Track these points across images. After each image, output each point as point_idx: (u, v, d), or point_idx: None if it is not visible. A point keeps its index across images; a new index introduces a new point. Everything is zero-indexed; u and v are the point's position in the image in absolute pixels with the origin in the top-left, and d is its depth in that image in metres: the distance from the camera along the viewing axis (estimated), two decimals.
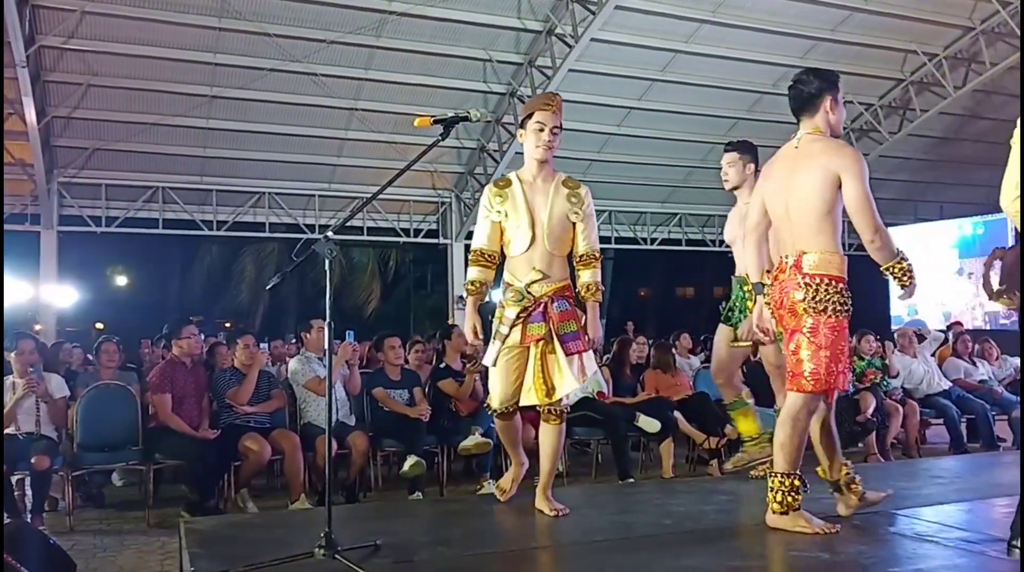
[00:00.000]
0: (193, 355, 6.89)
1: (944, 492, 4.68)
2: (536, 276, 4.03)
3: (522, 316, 4.01)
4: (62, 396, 6.56)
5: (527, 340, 4.02)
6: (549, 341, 3.99)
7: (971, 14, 12.74)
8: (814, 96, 3.84)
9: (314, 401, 6.95)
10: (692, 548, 3.24)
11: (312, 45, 11.50)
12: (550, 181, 4.18)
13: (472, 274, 4.16)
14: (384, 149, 13.36)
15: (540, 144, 4.11)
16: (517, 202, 4.11)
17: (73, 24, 10.72)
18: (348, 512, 5.03)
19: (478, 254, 4.17)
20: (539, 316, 4.01)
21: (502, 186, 4.20)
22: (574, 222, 4.14)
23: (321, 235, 3.42)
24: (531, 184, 4.16)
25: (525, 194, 4.13)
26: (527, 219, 4.07)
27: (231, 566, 3.25)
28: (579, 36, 11.46)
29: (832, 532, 3.59)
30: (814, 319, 3.57)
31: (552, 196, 4.12)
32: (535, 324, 4.01)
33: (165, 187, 13.92)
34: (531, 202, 4.10)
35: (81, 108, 12.04)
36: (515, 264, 4.11)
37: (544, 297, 4.03)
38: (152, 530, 6.09)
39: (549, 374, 3.99)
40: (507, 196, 4.14)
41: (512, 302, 4.03)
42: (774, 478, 3.67)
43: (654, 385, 8.15)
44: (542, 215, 4.08)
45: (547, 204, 4.10)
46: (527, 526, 3.73)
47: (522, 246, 4.07)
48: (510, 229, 4.11)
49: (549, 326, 4.00)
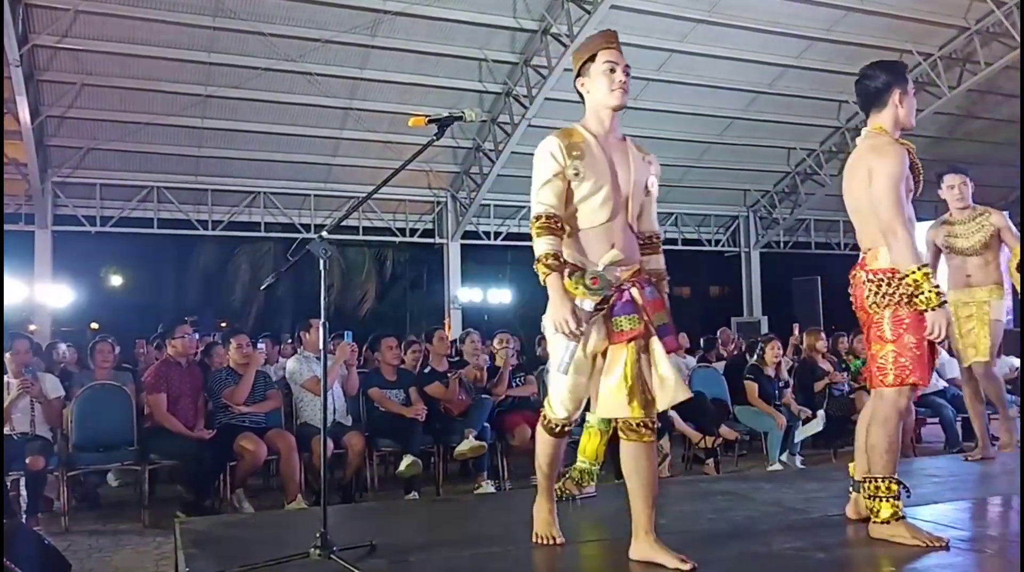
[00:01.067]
0: (187, 355, 6.88)
1: (939, 491, 4.68)
2: (616, 255, 3.23)
3: (601, 308, 3.19)
4: (57, 397, 6.54)
5: (617, 338, 3.19)
6: (645, 338, 3.20)
7: (966, 14, 12.77)
8: (881, 91, 3.70)
9: (310, 401, 6.94)
10: (688, 547, 3.23)
11: (307, 44, 11.50)
12: (622, 141, 3.40)
13: (545, 246, 3.18)
14: (379, 148, 13.36)
15: (616, 87, 3.29)
16: (596, 159, 3.26)
17: (67, 23, 10.70)
18: (344, 512, 5.01)
19: (549, 220, 3.21)
20: (628, 306, 3.20)
21: (574, 138, 3.31)
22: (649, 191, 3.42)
23: (316, 235, 3.41)
24: (605, 140, 3.34)
25: (604, 151, 3.30)
26: (609, 182, 3.25)
27: (227, 566, 3.24)
28: (575, 35, 11.46)
29: (940, 545, 3.33)
30: (879, 314, 3.49)
31: (632, 156, 3.35)
32: (625, 317, 3.19)
33: (160, 187, 13.91)
34: (611, 161, 3.30)
35: (75, 107, 12.04)
36: (587, 240, 3.27)
37: (625, 283, 3.25)
38: (148, 530, 6.08)
39: (646, 380, 3.18)
40: (583, 151, 3.25)
41: (590, 290, 3.17)
42: (871, 483, 3.47)
43: None
44: (625, 178, 3.30)
45: (628, 165, 3.31)
46: (523, 526, 3.72)
47: (600, 216, 3.25)
48: (584, 193, 3.24)
49: (644, 318, 3.21)
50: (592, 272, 3.19)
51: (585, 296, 3.17)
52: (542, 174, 3.24)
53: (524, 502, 3.83)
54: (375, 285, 25.79)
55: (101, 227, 13.93)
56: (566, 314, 3.10)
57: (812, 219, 18.03)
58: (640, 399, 3.15)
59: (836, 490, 4.23)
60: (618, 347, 3.20)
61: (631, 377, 3.15)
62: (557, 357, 3.23)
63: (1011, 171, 13.40)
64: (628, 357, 3.16)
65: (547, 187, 3.23)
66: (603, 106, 3.33)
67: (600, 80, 3.33)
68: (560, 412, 3.38)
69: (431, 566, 3.38)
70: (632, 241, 3.34)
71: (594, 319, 3.19)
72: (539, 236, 3.20)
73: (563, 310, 3.11)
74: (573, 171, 3.21)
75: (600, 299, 3.18)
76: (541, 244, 3.19)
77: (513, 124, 13.23)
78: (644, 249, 3.43)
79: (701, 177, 15.88)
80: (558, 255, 3.18)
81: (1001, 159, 14.28)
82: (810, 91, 14.08)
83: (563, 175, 3.21)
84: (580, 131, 3.34)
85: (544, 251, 3.17)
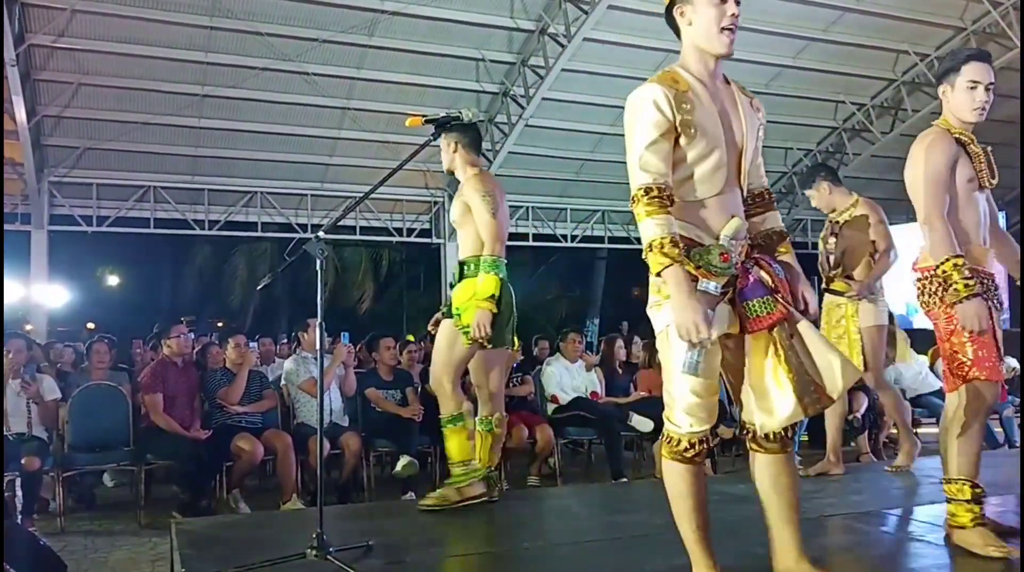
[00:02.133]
0: (183, 355, 6.87)
1: (935, 492, 4.66)
2: (739, 226, 2.66)
3: (726, 291, 2.64)
4: (53, 398, 6.53)
5: (754, 325, 2.65)
6: (789, 322, 2.65)
7: (962, 15, 12.77)
8: (939, 80, 3.51)
9: (307, 401, 6.95)
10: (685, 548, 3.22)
11: (304, 44, 11.48)
12: (727, 84, 2.83)
13: (657, 228, 2.52)
14: (376, 148, 13.35)
15: (727, 22, 2.69)
16: (708, 112, 2.65)
17: (63, 23, 10.68)
18: (340, 512, 5.01)
19: (661, 193, 2.55)
20: (759, 288, 2.66)
21: (680, 85, 2.65)
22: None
23: (313, 235, 3.41)
24: (712, 88, 2.72)
25: (713, 101, 2.69)
26: (723, 140, 2.67)
27: (223, 567, 3.24)
28: (572, 36, 11.47)
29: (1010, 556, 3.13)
30: (936, 315, 3.33)
31: (740, 104, 2.77)
32: (757, 300, 2.64)
33: (156, 186, 13.87)
34: (723, 113, 2.71)
35: (72, 107, 12.00)
36: (701, 211, 2.68)
37: (748, 261, 2.72)
38: (143, 531, 6.07)
39: (807, 369, 2.61)
40: (693, 103, 2.63)
41: (718, 270, 2.59)
42: (952, 485, 3.30)
43: (647, 384, 8.16)
44: (738, 133, 2.73)
45: (739, 116, 2.74)
46: (520, 526, 3.72)
47: (715, 183, 2.67)
48: (695, 155, 2.63)
49: (781, 299, 2.67)
50: (719, 246, 2.61)
51: (710, 277, 2.59)
52: (645, 133, 2.58)
53: (520, 503, 3.83)
54: (372, 285, 25.76)
55: (98, 227, 13.88)
56: (697, 317, 2.46)
57: (809, 219, 18.01)
58: (810, 394, 2.60)
59: (832, 491, 4.24)
60: (757, 338, 2.67)
61: (791, 370, 2.60)
62: (679, 354, 2.59)
63: (1009, 171, 13.34)
64: (778, 348, 2.63)
65: (653, 150, 2.57)
66: (706, 51, 2.72)
67: (706, 11, 2.69)
68: (688, 424, 2.68)
69: (427, 567, 3.38)
70: (742, 209, 2.79)
71: (718, 304, 2.61)
72: (649, 214, 2.53)
73: (692, 312, 2.47)
74: (685, 128, 2.59)
75: (727, 280, 2.62)
76: (651, 226, 2.53)
77: (510, 124, 13.22)
78: (756, 207, 2.87)
79: None
80: (676, 240, 2.53)
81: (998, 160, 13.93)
82: (807, 91, 14.08)
83: (671, 133, 2.59)
84: (684, 76, 2.69)
85: (658, 235, 2.51)
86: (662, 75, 2.69)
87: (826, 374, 2.61)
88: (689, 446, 2.68)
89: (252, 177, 14.21)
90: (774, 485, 2.73)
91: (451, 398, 4.35)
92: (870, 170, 15.32)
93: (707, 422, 2.66)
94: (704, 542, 2.75)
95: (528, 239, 16.39)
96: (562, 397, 7.63)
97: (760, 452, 2.74)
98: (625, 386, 8.20)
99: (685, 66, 2.74)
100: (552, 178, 15.40)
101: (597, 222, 16.63)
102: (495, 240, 4.29)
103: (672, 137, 2.58)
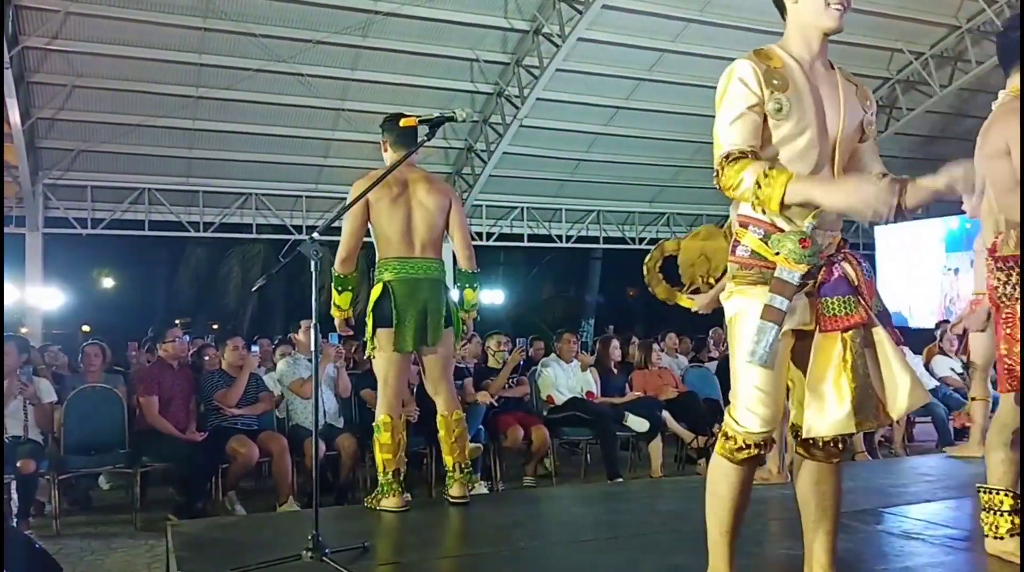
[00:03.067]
0: (179, 357, 6.86)
1: (931, 490, 4.69)
2: (826, 215, 2.46)
3: (805, 284, 2.46)
4: (50, 401, 6.51)
5: (829, 325, 2.48)
6: (866, 328, 2.49)
7: (957, 13, 12.81)
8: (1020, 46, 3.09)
9: (301, 403, 6.95)
10: (680, 547, 3.23)
11: (298, 45, 11.48)
12: (831, 69, 2.67)
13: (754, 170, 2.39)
14: (371, 149, 13.27)
15: (835, 1, 2.56)
16: (801, 92, 2.51)
17: (57, 25, 10.67)
18: (336, 514, 5.01)
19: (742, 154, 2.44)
20: (841, 285, 2.49)
21: (773, 62, 2.53)
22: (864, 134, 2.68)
23: (307, 236, 3.41)
24: (811, 68, 2.59)
25: (809, 82, 2.55)
26: (815, 122, 2.51)
27: (219, 569, 3.24)
28: (566, 35, 11.47)
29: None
30: (1009, 308, 3.04)
31: (842, 90, 2.61)
32: (838, 298, 2.48)
33: (151, 188, 13.88)
34: (818, 96, 2.55)
35: (66, 109, 11.99)
36: None
37: (835, 255, 2.53)
38: (139, 533, 6.05)
39: (873, 383, 2.47)
40: (785, 80, 2.50)
41: (798, 257, 2.42)
42: (994, 496, 3.13)
43: (642, 385, 8.16)
44: (834, 118, 2.56)
45: (838, 101, 2.58)
46: (516, 526, 3.72)
47: (804, 165, 2.49)
48: (784, 134, 2.49)
49: (863, 302, 2.50)
50: (799, 232, 2.43)
51: (789, 265, 2.42)
52: (732, 106, 2.49)
53: (516, 503, 3.83)
54: (367, 286, 25.71)
55: (92, 229, 13.89)
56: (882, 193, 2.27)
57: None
58: (868, 409, 2.43)
59: None
60: (829, 338, 2.48)
61: (855, 380, 2.43)
62: (747, 342, 2.43)
63: None
64: (847, 353, 2.45)
65: (738, 124, 2.46)
66: (813, 26, 2.58)
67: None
68: (752, 422, 2.48)
69: (423, 567, 3.37)
70: None
71: (796, 296, 2.44)
72: (738, 172, 2.40)
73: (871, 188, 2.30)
74: (775, 105, 2.46)
75: (807, 270, 2.44)
76: (747, 174, 2.38)
77: (505, 124, 13.22)
78: None
79: (693, 177, 15.85)
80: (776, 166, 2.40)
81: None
82: None
83: (760, 108, 2.47)
84: (780, 54, 2.57)
85: (759, 171, 2.37)
86: (757, 51, 2.57)
87: (891, 392, 2.47)
88: (744, 446, 2.49)
89: (246, 179, 14.22)
90: (816, 493, 2.61)
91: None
92: None
93: (768, 424, 2.47)
94: (728, 548, 2.58)
95: (523, 239, 16.39)
96: (557, 397, 7.63)
97: (806, 457, 2.60)
98: (620, 386, 8.20)
99: (785, 46, 2.61)
100: (547, 178, 15.41)
101: (592, 222, 16.64)
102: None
103: (760, 112, 2.46)
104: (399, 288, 4.37)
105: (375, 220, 4.42)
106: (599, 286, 24.51)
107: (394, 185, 4.42)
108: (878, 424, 2.49)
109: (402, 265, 4.41)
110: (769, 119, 2.47)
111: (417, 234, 4.46)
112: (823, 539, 2.60)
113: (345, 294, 4.46)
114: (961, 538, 3.54)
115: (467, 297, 4.71)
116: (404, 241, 4.44)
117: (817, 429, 2.48)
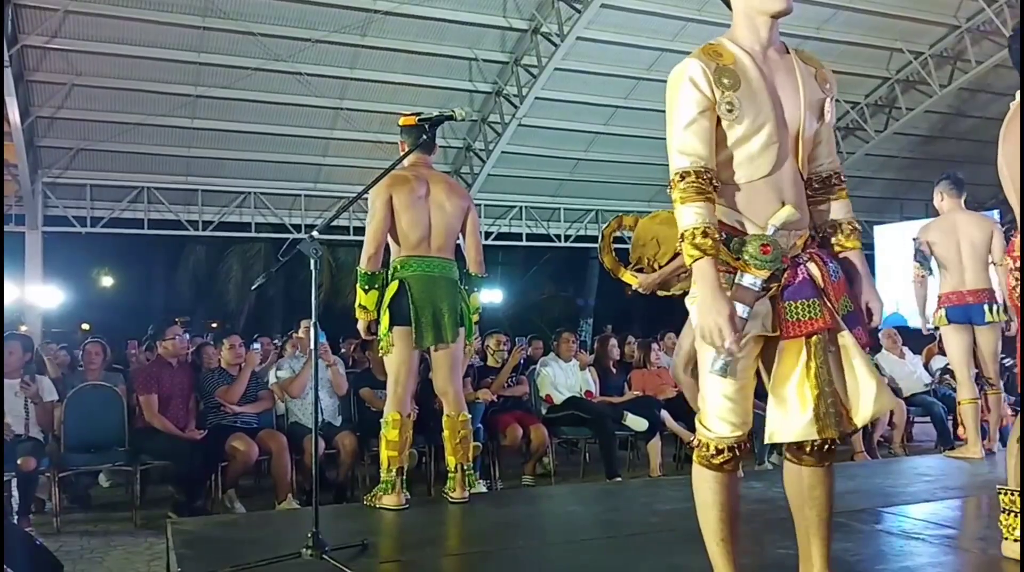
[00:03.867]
0: (178, 356, 6.87)
1: (930, 490, 4.70)
2: (791, 214, 2.40)
3: (769, 287, 2.40)
4: (51, 400, 6.52)
5: (792, 330, 2.40)
6: (831, 332, 2.43)
7: (956, 12, 12.79)
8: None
9: (298, 401, 6.96)
10: (679, 546, 3.24)
11: (297, 44, 11.48)
12: (785, 53, 2.56)
13: (693, 216, 2.32)
14: (370, 148, 13.35)
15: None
16: (754, 88, 2.41)
17: (56, 23, 10.66)
18: (335, 512, 5.02)
19: (699, 178, 2.34)
20: (805, 288, 2.41)
21: (723, 58, 2.43)
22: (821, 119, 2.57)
23: (307, 235, 3.41)
24: (763, 57, 2.49)
25: (763, 75, 2.45)
26: (772, 117, 2.42)
27: (218, 567, 3.24)
28: (565, 35, 11.47)
29: None
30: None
31: (800, 73, 2.51)
32: (801, 302, 2.40)
33: (150, 187, 13.87)
34: (773, 88, 2.45)
35: (65, 108, 11.99)
36: (746, 196, 2.46)
37: (801, 255, 2.47)
38: (139, 531, 6.06)
39: (838, 389, 2.41)
40: (737, 77, 2.40)
41: (759, 262, 2.36)
42: (1007, 496, 3.08)
43: (641, 384, 8.17)
44: (794, 108, 2.47)
45: (796, 88, 2.48)
46: (515, 525, 3.73)
47: (763, 165, 2.43)
48: (739, 135, 2.41)
49: (827, 305, 2.43)
50: (761, 237, 2.37)
51: (750, 270, 2.36)
52: (683, 111, 2.40)
53: (515, 502, 3.83)
54: None
55: (91, 228, 13.88)
56: (720, 319, 2.26)
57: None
58: (832, 416, 2.37)
59: None
60: (793, 343, 2.42)
61: (818, 386, 2.38)
62: (710, 354, 2.38)
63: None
64: (810, 358, 2.39)
65: (691, 130, 2.38)
66: (758, 10, 2.48)
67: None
68: (722, 428, 2.44)
69: (422, 566, 3.38)
70: (803, 195, 2.52)
71: (759, 301, 2.38)
72: (683, 201, 2.32)
73: (717, 313, 2.26)
74: (726, 106, 2.37)
75: (769, 274, 2.37)
76: (687, 213, 2.31)
77: (503, 124, 13.22)
78: (820, 194, 2.60)
79: None
80: (711, 230, 2.30)
81: (993, 158, 14.21)
82: None
83: (712, 112, 2.37)
84: (729, 48, 2.46)
85: (692, 224, 2.30)
86: (705, 47, 2.46)
87: (854, 399, 2.42)
88: (718, 452, 2.44)
89: (245, 177, 14.21)
90: (809, 498, 2.54)
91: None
92: (864, 168, 15.36)
93: (740, 428, 2.43)
94: (728, 556, 2.50)
95: (522, 239, 16.38)
96: (556, 397, 7.63)
97: (794, 463, 2.55)
98: (619, 385, 8.21)
99: (733, 37, 2.50)
100: (545, 177, 15.40)
101: (591, 221, 16.63)
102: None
103: (713, 115, 2.37)
104: (416, 285, 4.39)
105: (396, 218, 4.43)
106: (598, 285, 24.48)
107: (417, 186, 4.44)
108: (841, 431, 2.40)
109: (419, 263, 4.43)
110: (722, 120, 2.39)
111: (435, 235, 4.50)
112: (819, 544, 2.55)
113: (372, 293, 4.38)
114: (960, 538, 3.55)
115: (472, 300, 4.73)
116: (423, 240, 4.46)
117: (780, 435, 2.44)
